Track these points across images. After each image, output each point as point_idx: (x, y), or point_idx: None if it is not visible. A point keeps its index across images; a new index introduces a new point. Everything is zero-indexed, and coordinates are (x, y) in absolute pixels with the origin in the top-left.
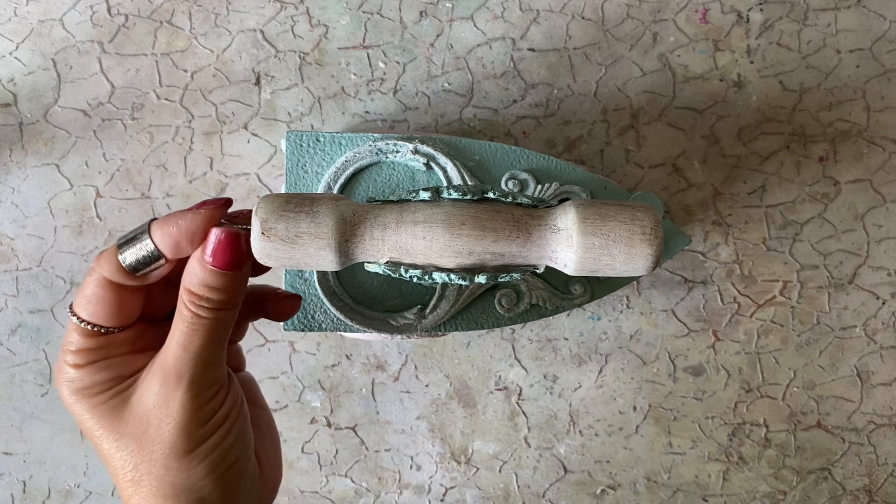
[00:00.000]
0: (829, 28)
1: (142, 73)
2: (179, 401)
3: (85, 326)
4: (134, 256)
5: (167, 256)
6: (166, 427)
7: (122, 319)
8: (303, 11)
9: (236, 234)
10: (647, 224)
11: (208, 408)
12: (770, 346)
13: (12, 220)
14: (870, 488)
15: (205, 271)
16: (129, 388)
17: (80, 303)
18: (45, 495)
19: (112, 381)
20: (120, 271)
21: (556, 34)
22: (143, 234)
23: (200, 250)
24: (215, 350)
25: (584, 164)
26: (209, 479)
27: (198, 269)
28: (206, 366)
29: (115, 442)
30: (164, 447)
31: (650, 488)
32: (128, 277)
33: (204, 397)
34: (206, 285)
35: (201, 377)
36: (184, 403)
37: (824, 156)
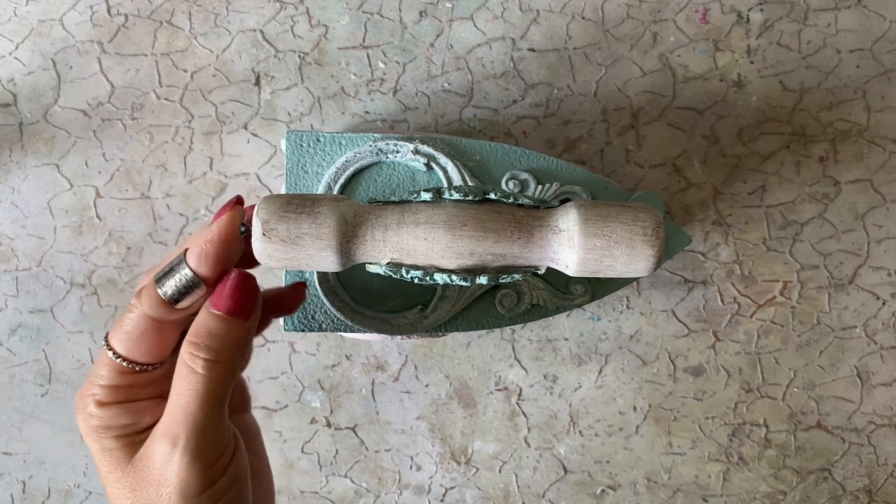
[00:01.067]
0: (830, 28)
1: (141, 73)
2: (177, 465)
3: (120, 363)
4: (173, 287)
5: (207, 275)
6: (165, 491)
7: (159, 355)
8: (302, 11)
9: (247, 275)
10: (648, 225)
11: (208, 474)
12: (770, 346)
13: (12, 220)
14: (870, 489)
15: (208, 316)
16: (142, 441)
17: (119, 338)
18: (44, 495)
19: (130, 426)
20: (162, 305)
21: (556, 34)
22: (179, 263)
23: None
24: (212, 413)
25: (585, 164)
26: None
27: (202, 316)
28: (203, 430)
29: (120, 488)
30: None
31: (650, 489)
32: (170, 311)
33: (203, 462)
34: (207, 331)
35: (198, 441)
36: (182, 468)
37: (824, 156)
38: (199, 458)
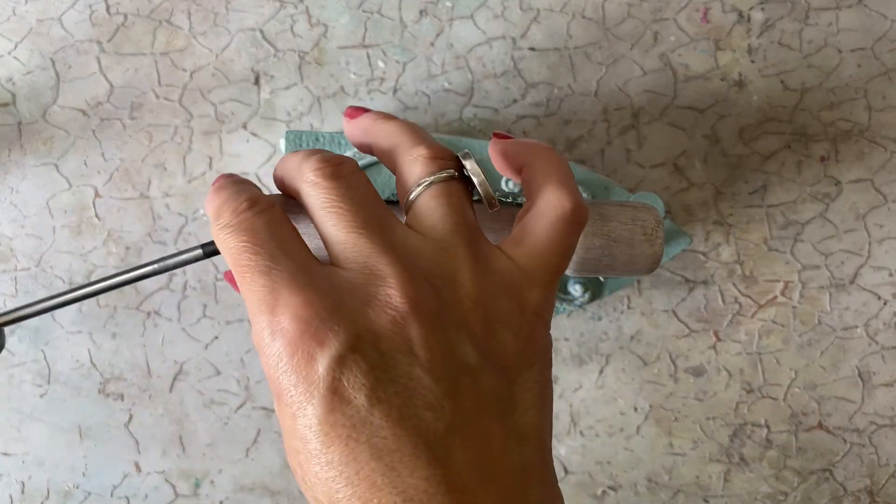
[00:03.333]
0: (831, 27)
1: (141, 73)
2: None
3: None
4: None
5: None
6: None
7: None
8: (302, 10)
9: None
10: (648, 224)
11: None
12: (771, 346)
13: (11, 220)
14: (871, 489)
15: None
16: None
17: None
18: (43, 496)
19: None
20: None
21: (557, 33)
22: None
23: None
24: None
25: (585, 163)
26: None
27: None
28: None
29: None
30: None
31: (651, 489)
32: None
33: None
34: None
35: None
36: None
37: (826, 155)
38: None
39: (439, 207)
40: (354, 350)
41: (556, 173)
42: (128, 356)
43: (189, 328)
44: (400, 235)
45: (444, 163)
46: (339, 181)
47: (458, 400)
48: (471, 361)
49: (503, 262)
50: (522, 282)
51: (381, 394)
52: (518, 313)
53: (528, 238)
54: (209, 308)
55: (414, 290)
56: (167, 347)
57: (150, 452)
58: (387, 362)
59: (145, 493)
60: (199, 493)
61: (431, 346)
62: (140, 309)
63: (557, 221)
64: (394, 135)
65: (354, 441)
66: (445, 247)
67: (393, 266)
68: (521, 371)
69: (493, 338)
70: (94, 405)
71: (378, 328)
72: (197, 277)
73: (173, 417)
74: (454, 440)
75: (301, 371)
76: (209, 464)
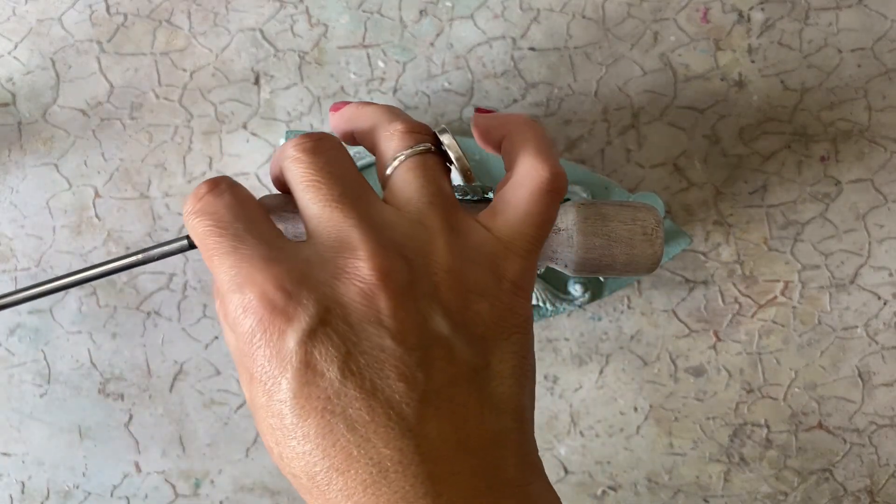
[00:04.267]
0: (831, 27)
1: (141, 73)
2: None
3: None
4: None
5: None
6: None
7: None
8: (302, 10)
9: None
10: (648, 224)
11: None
12: (771, 346)
13: (11, 220)
14: (871, 489)
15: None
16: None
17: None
18: (43, 496)
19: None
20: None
21: (557, 33)
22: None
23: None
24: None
25: (585, 163)
26: None
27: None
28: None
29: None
30: None
31: (651, 489)
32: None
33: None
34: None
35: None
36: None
37: (826, 155)
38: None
39: (415, 180)
40: (324, 323)
41: (533, 143)
42: (128, 356)
43: (189, 328)
44: (376, 209)
45: (420, 136)
46: (319, 156)
47: (430, 370)
48: (443, 332)
49: (480, 232)
50: (500, 252)
51: (353, 366)
52: (495, 283)
53: (505, 208)
54: (209, 308)
55: (383, 261)
56: (167, 347)
57: (150, 452)
58: (357, 334)
59: (145, 493)
60: (199, 493)
61: (401, 316)
62: (140, 309)
63: (535, 191)
64: (372, 116)
65: (330, 413)
66: (420, 219)
67: (364, 238)
68: (497, 341)
69: (467, 308)
70: (94, 405)
71: (347, 301)
72: (197, 277)
73: (173, 417)
74: (427, 410)
75: (273, 346)
76: (209, 464)
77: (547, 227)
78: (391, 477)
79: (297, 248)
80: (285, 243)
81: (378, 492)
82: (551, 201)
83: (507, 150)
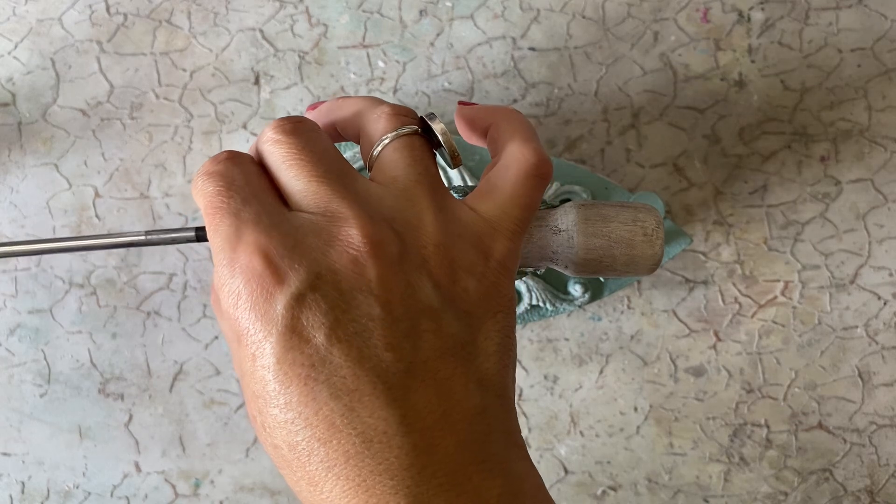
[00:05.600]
0: (831, 27)
1: (141, 73)
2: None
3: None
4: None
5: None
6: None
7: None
8: (302, 10)
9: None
10: (648, 225)
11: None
12: (771, 346)
13: (11, 220)
14: (871, 489)
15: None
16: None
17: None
18: (43, 496)
19: None
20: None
21: (557, 33)
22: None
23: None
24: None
25: (585, 163)
26: None
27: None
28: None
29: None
30: None
31: (651, 489)
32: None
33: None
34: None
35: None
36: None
37: (826, 155)
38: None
39: (402, 159)
40: (314, 289)
41: (520, 130)
42: (128, 356)
43: (189, 328)
44: (362, 185)
45: (407, 119)
46: (299, 136)
47: (418, 342)
48: (432, 303)
49: (467, 212)
50: (487, 231)
51: (341, 333)
52: (482, 261)
53: (492, 191)
54: (209, 308)
55: (375, 230)
56: (167, 347)
57: (150, 452)
58: (347, 301)
59: (145, 493)
60: (199, 493)
61: (392, 286)
62: (140, 309)
63: (522, 174)
64: (354, 104)
65: (313, 381)
66: (408, 196)
67: (354, 209)
68: (483, 318)
69: (456, 283)
70: (94, 405)
71: (338, 267)
72: (197, 277)
73: (173, 417)
74: (414, 381)
75: (259, 309)
76: (209, 464)
77: (532, 210)
78: (375, 448)
79: (292, 216)
80: (283, 211)
81: (361, 463)
82: (537, 185)
83: (494, 137)
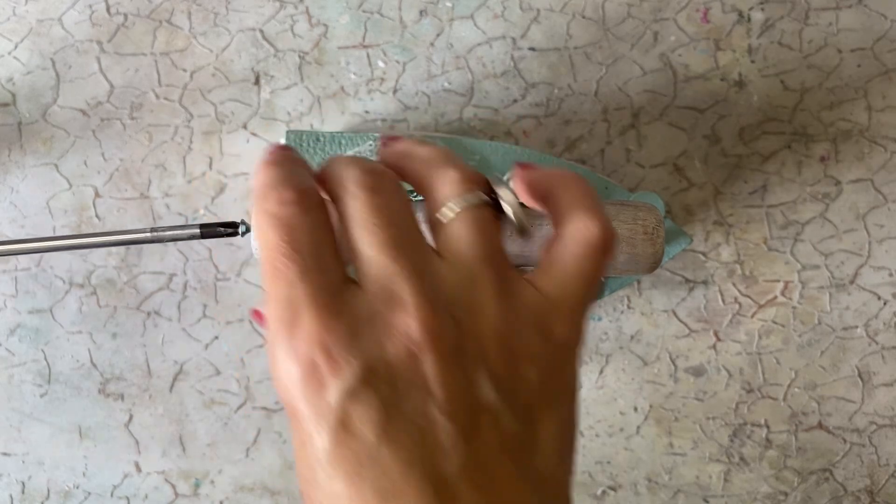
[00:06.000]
0: (831, 27)
1: (141, 73)
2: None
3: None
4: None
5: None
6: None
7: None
8: (302, 11)
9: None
10: (648, 224)
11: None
12: (771, 346)
13: (11, 220)
14: (871, 489)
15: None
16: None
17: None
18: (43, 496)
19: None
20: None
21: (557, 33)
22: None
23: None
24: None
25: (585, 163)
26: None
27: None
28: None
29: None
30: None
31: (651, 489)
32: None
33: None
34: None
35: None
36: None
37: (826, 155)
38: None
39: (468, 235)
40: (367, 383)
41: (582, 199)
42: (128, 356)
43: (189, 328)
44: (427, 260)
45: (475, 186)
46: (378, 196)
47: (472, 442)
48: (489, 400)
49: (529, 292)
50: (549, 312)
51: (392, 431)
52: (543, 346)
53: (554, 267)
54: (209, 308)
55: (433, 320)
56: (167, 347)
57: (150, 452)
58: (400, 398)
59: (145, 493)
60: (199, 493)
61: (448, 382)
62: (140, 309)
63: (585, 248)
64: (424, 157)
65: (360, 478)
66: (471, 276)
67: (414, 293)
68: (544, 410)
69: (515, 373)
70: (94, 405)
71: (394, 361)
72: (197, 277)
73: (173, 417)
74: (464, 485)
75: (312, 399)
76: (209, 464)
77: (596, 286)
78: None
79: (350, 294)
80: (341, 286)
81: None
82: (602, 259)
83: (555, 206)
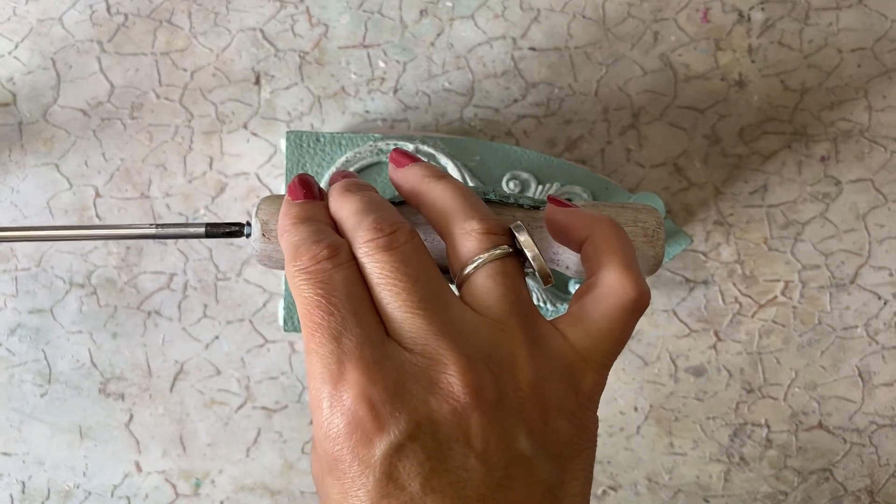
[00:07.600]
0: (831, 27)
1: (141, 73)
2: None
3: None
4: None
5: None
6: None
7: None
8: (303, 10)
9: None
10: (649, 226)
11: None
12: (771, 346)
13: (11, 220)
14: (871, 489)
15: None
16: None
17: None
18: (44, 496)
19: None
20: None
21: (557, 33)
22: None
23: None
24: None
25: (585, 163)
26: None
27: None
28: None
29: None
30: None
31: (651, 489)
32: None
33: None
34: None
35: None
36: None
37: (826, 155)
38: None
39: (496, 287)
40: (413, 438)
41: (619, 254)
42: (128, 356)
43: (189, 328)
44: (457, 313)
45: (498, 238)
46: (393, 253)
47: (508, 491)
48: (525, 451)
49: (559, 342)
50: (578, 364)
51: (436, 483)
52: (573, 398)
53: (586, 319)
54: (209, 308)
55: (474, 378)
56: (167, 347)
57: (150, 452)
58: (444, 452)
59: (146, 492)
60: (200, 492)
61: (489, 436)
62: (140, 309)
63: (619, 309)
64: (445, 201)
65: None
66: (503, 328)
67: (452, 351)
68: (572, 458)
69: (547, 425)
70: (94, 405)
71: (438, 417)
72: (198, 277)
73: (174, 417)
74: None
75: (358, 452)
76: (209, 464)
77: (624, 344)
78: None
79: (392, 351)
80: (382, 341)
81: None
82: (634, 320)
83: (590, 254)
